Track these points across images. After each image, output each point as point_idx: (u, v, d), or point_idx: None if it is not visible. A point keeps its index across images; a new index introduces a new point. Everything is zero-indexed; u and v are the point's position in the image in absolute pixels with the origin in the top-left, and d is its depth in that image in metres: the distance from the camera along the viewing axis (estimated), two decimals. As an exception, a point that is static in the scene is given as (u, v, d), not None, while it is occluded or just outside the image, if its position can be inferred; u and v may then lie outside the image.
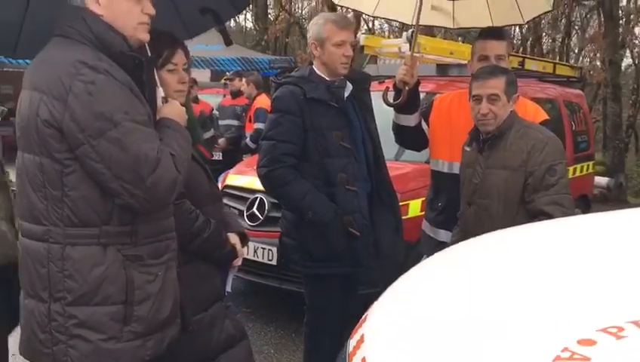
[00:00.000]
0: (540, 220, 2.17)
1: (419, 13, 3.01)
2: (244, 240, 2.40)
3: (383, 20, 19.97)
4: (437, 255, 1.51)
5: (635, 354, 0.81)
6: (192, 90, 5.94)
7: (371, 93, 3.08)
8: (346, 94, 2.84)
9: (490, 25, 3.19)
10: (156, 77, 1.88)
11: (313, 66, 2.83)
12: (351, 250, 2.76)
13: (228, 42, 2.43)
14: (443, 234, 2.90)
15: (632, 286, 1.03)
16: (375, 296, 1.36)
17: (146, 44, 1.80)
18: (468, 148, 2.64)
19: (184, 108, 1.96)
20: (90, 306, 1.64)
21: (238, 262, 2.37)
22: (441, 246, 2.48)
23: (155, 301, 1.72)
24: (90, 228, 1.64)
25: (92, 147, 1.58)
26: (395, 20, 3.78)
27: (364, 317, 1.20)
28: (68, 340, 1.64)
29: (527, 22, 3.53)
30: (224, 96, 8.02)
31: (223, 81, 11.93)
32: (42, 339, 1.67)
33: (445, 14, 3.32)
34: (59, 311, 1.64)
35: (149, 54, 1.82)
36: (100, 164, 1.59)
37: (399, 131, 3.13)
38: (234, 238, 2.32)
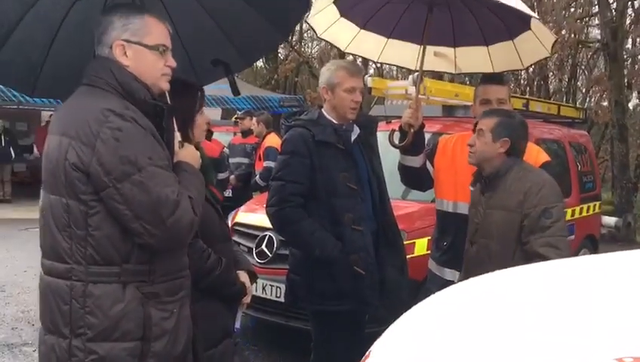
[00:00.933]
0: (535, 262, 2.22)
1: (422, 60, 3.14)
2: (252, 278, 2.47)
3: (391, 60, 20.30)
4: (438, 294, 1.58)
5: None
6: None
7: (378, 133, 3.20)
8: (353, 137, 2.95)
9: (491, 70, 3.32)
10: (174, 122, 1.99)
11: (322, 110, 2.95)
12: (357, 288, 2.81)
13: (235, 92, 2.54)
14: (449, 273, 2.96)
15: (621, 326, 1.10)
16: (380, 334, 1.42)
17: (167, 93, 1.93)
18: (472, 188, 2.74)
19: (198, 152, 2.07)
20: (109, 342, 1.70)
21: (247, 299, 2.44)
22: (447, 285, 2.54)
23: (171, 337, 1.79)
24: (112, 267, 1.72)
25: (117, 189, 1.67)
26: (398, 66, 3.93)
27: (367, 353, 1.27)
28: None
29: (527, 67, 3.65)
30: (234, 134, 8.18)
31: (233, 119, 12.18)
32: None
33: (447, 60, 3.45)
34: (79, 347, 1.70)
35: (169, 102, 1.94)
36: (123, 205, 1.68)
37: (405, 172, 3.23)
38: (243, 276, 2.39)
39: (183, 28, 2.37)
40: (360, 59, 18.73)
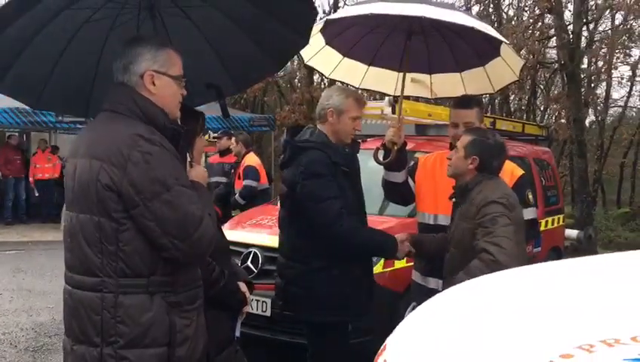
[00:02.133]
0: (481, 259, 2.47)
1: (402, 85, 3.38)
2: (250, 288, 2.63)
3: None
4: (447, 291, 1.77)
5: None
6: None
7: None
8: (354, 161, 3.15)
9: (463, 93, 3.58)
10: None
11: (323, 131, 3.06)
12: (357, 299, 3.01)
13: (226, 115, 2.69)
14: (432, 282, 3.16)
15: (601, 313, 1.31)
16: (368, 344, 1.57)
17: (178, 118, 2.09)
18: (451, 201, 2.98)
19: (206, 171, 2.24)
20: (139, 348, 1.84)
21: (247, 308, 2.59)
22: (431, 293, 2.73)
23: (192, 343, 1.93)
24: (140, 279, 1.86)
25: (147, 208, 1.82)
26: (379, 92, 4.19)
27: (383, 346, 1.44)
28: None
29: (497, 90, 3.93)
30: (207, 154, 8.28)
31: (206, 138, 12.27)
32: None
33: (424, 86, 3.72)
34: (111, 354, 1.83)
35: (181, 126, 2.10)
36: (152, 222, 1.83)
37: (388, 187, 3.43)
38: (243, 286, 2.55)
39: (183, 53, 2.54)
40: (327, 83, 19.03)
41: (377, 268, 4.25)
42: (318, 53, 3.54)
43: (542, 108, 20.01)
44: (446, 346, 1.32)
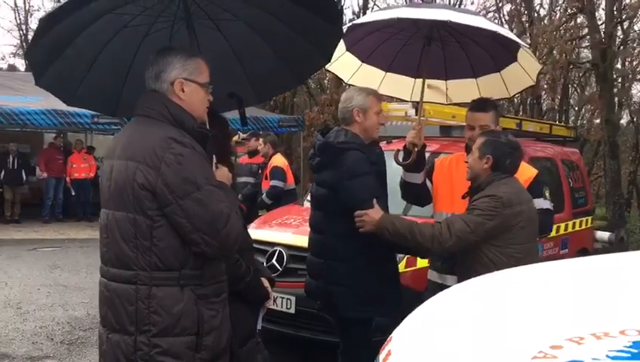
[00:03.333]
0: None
1: (422, 89, 3.47)
2: (272, 284, 2.75)
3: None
4: (452, 287, 1.86)
5: (589, 354, 1.15)
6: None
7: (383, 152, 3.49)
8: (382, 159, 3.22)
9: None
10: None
11: (353, 131, 3.12)
12: (395, 294, 3.15)
13: (244, 123, 2.81)
14: (450, 280, 3.23)
15: (596, 309, 1.38)
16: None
17: (206, 122, 2.22)
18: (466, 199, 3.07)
19: (230, 172, 2.36)
20: (171, 337, 1.97)
21: (270, 302, 2.71)
22: None
23: (218, 333, 2.07)
24: (172, 272, 1.99)
25: (179, 206, 1.95)
26: (395, 97, 4.28)
27: (389, 338, 1.53)
28: None
29: (513, 96, 3.97)
30: (236, 154, 8.42)
31: (234, 139, 12.46)
32: None
33: (439, 92, 3.80)
34: (144, 342, 1.97)
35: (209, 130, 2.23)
36: (184, 219, 1.96)
37: (406, 188, 3.51)
38: (265, 282, 2.66)
39: (210, 62, 2.68)
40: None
41: (400, 268, 4.33)
42: (339, 59, 3.64)
43: (576, 109, 19.73)
44: (448, 338, 1.40)
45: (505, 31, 3.30)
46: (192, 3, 2.45)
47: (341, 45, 3.56)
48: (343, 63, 3.69)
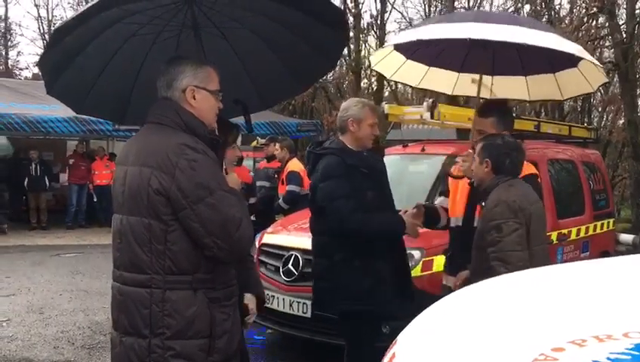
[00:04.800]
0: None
1: (479, 85, 3.44)
2: (259, 304, 2.74)
3: (406, 84, 20.61)
4: (455, 293, 1.86)
5: (590, 356, 1.14)
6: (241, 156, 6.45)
7: (395, 156, 3.52)
8: (372, 162, 3.33)
9: (527, 97, 3.61)
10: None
11: (342, 139, 3.31)
12: (379, 290, 3.17)
13: (250, 130, 2.85)
14: (451, 280, 3.26)
15: (601, 312, 1.37)
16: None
17: (216, 129, 2.25)
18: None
19: (238, 178, 2.40)
20: (184, 339, 2.01)
21: (250, 319, 2.70)
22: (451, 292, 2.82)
23: (229, 336, 2.10)
24: (185, 276, 2.03)
25: (193, 210, 1.98)
26: (437, 91, 4.27)
27: (395, 340, 1.53)
28: None
29: (566, 99, 3.85)
30: (255, 160, 8.47)
31: (253, 144, 12.52)
32: None
33: (484, 86, 3.68)
34: (159, 345, 2.00)
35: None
36: (197, 223, 1.99)
37: None
38: (249, 299, 2.66)
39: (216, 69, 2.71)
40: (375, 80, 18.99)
41: (416, 272, 4.33)
42: (385, 58, 3.65)
43: (599, 110, 19.44)
44: (451, 340, 1.40)
45: (576, 50, 3.10)
46: (200, 12, 2.49)
47: (390, 47, 3.60)
48: (388, 61, 3.69)
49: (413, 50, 3.63)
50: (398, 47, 3.61)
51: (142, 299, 2.03)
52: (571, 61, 3.32)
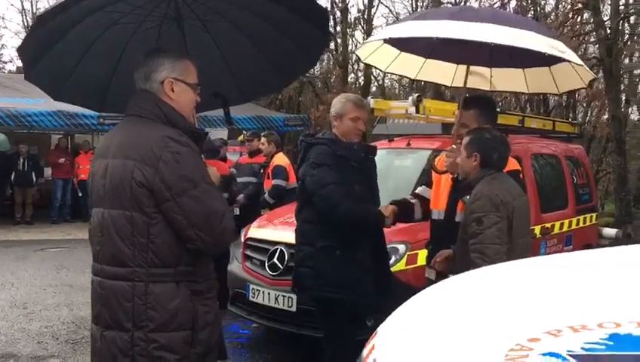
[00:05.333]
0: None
1: (466, 78, 3.42)
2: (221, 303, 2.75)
3: (393, 79, 20.66)
4: (435, 285, 1.87)
5: (565, 346, 1.15)
6: (221, 150, 6.41)
7: (382, 149, 3.54)
8: (363, 156, 3.39)
9: (526, 90, 3.63)
10: None
11: (334, 132, 3.39)
12: (359, 280, 3.21)
13: (229, 122, 2.85)
14: (431, 273, 3.29)
15: (574, 302, 1.39)
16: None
17: (195, 122, 2.25)
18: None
19: (217, 172, 2.40)
20: (167, 332, 2.01)
21: None
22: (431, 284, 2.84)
23: (211, 328, 2.10)
24: (168, 269, 2.02)
25: (176, 203, 1.98)
26: (435, 82, 4.28)
27: (375, 332, 1.54)
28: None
29: (562, 93, 3.89)
30: (240, 154, 8.45)
31: (239, 139, 12.47)
32: None
33: (483, 78, 3.74)
34: (142, 337, 2.00)
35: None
36: (181, 216, 1.99)
37: None
38: None
39: (197, 61, 2.68)
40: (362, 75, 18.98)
41: (401, 265, 4.35)
42: (376, 52, 3.64)
43: (584, 105, 19.59)
44: (430, 332, 1.41)
45: (557, 48, 3.08)
46: (183, 4, 2.48)
47: (378, 40, 3.59)
48: (380, 54, 3.66)
49: (405, 43, 3.63)
50: (389, 41, 3.60)
51: (124, 292, 2.02)
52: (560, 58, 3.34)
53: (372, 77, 19.25)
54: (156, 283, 2.01)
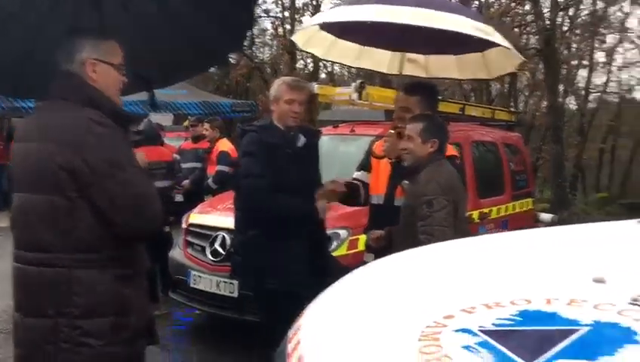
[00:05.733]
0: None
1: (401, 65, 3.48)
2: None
3: (343, 66, 20.70)
4: (359, 269, 1.91)
5: (477, 322, 1.20)
6: (160, 135, 6.27)
7: (327, 136, 3.55)
8: (300, 143, 3.33)
9: (460, 76, 3.68)
10: None
11: (272, 118, 3.35)
12: (294, 270, 3.20)
13: (154, 105, 2.76)
14: (370, 257, 3.33)
15: (493, 281, 1.45)
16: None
17: (121, 104, 2.19)
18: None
19: (144, 156, 2.37)
20: (93, 318, 1.96)
21: None
22: None
23: (139, 313, 2.07)
24: (92, 254, 1.97)
25: (101, 187, 1.92)
26: (375, 71, 4.31)
27: (298, 322, 1.55)
28: (74, 348, 1.95)
29: (494, 78, 4.00)
30: (185, 139, 8.33)
31: (184, 124, 12.28)
32: (47, 351, 1.96)
33: (419, 66, 3.81)
34: (65, 324, 1.94)
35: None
36: (106, 200, 1.93)
37: None
38: None
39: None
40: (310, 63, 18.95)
41: (342, 251, 4.41)
42: (313, 38, 3.62)
43: (526, 94, 20.19)
44: (349, 313, 1.45)
45: (484, 31, 3.14)
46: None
47: (314, 26, 3.56)
48: (316, 41, 3.66)
49: (341, 30, 3.64)
50: (324, 27, 3.61)
51: (46, 279, 1.96)
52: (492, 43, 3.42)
53: (321, 63, 19.26)
54: (80, 268, 1.96)
